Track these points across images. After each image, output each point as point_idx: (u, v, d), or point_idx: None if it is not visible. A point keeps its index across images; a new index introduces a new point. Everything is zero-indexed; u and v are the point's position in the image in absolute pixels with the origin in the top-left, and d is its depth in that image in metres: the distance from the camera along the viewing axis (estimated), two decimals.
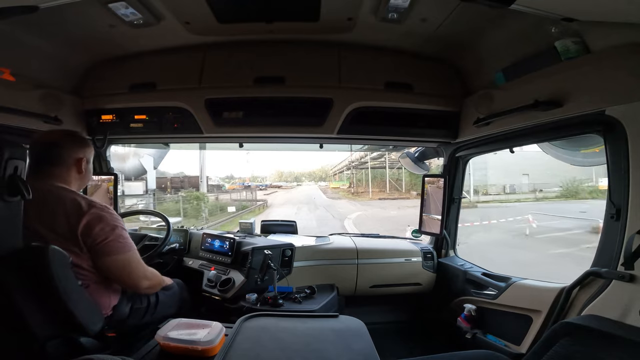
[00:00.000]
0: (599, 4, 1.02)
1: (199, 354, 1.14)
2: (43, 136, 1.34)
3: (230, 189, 34.93)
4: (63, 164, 1.29)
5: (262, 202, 22.30)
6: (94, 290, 1.24)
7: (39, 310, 1.03)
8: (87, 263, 1.22)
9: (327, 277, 2.22)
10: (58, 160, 1.28)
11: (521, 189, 19.71)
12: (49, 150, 1.27)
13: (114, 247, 1.23)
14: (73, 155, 1.31)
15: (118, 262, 1.25)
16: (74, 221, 1.17)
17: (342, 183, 41.26)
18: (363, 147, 12.58)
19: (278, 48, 1.91)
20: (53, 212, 1.17)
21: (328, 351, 1.07)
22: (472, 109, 1.83)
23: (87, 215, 1.19)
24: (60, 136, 1.34)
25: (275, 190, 41.18)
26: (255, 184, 46.95)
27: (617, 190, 1.22)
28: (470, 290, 1.99)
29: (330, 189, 40.85)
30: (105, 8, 1.44)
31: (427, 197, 2.31)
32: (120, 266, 1.26)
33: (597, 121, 1.26)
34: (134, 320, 1.41)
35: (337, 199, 29.14)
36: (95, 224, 1.20)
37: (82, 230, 1.18)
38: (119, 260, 1.25)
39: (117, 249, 1.24)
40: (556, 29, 1.28)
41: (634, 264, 1.09)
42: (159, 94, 1.96)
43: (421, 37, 1.76)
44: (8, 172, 0.93)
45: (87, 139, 1.41)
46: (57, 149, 1.28)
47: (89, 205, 1.21)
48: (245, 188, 39.38)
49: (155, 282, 1.44)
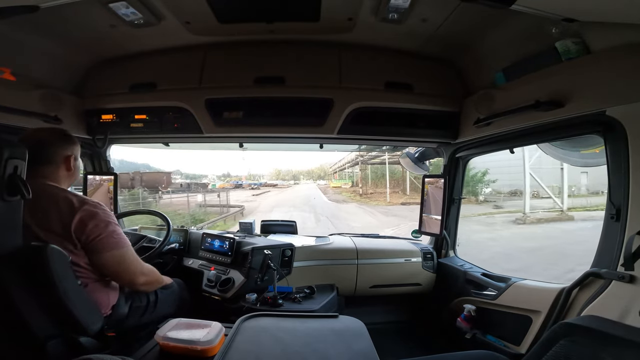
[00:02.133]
0: (600, 5, 1.02)
1: (199, 354, 1.14)
2: (30, 135, 1.31)
3: (221, 187, 33.29)
4: (52, 163, 1.28)
5: (239, 208, 16.56)
6: (93, 289, 1.24)
7: (38, 309, 1.03)
8: (84, 261, 1.22)
9: (327, 277, 2.22)
10: (47, 159, 1.27)
11: (580, 190, 14.57)
12: (38, 149, 1.24)
13: (108, 243, 1.23)
14: (61, 153, 1.30)
15: (113, 258, 1.24)
16: (67, 219, 1.17)
17: (344, 182, 36.40)
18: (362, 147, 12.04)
19: (278, 48, 1.91)
20: (46, 211, 1.17)
21: (328, 351, 1.07)
22: (472, 109, 1.83)
23: (80, 212, 1.18)
24: (47, 134, 1.32)
25: (267, 190, 36.41)
26: (248, 182, 43.96)
27: (617, 191, 1.22)
28: (470, 291, 1.99)
29: (331, 188, 35.73)
30: (105, 8, 1.44)
31: (427, 198, 2.31)
32: (116, 262, 1.25)
33: (597, 121, 1.26)
34: (133, 320, 1.41)
35: (342, 202, 23.11)
36: (88, 220, 1.19)
37: (75, 227, 1.17)
38: (114, 256, 1.24)
39: (111, 244, 1.23)
40: (557, 29, 1.28)
41: (633, 264, 1.09)
42: (159, 93, 1.96)
43: (421, 37, 1.76)
44: (8, 172, 0.93)
45: (73, 136, 1.38)
46: (45, 147, 1.27)
47: (81, 202, 1.21)
48: (237, 187, 37.44)
49: (153, 278, 1.44)
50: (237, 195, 26.32)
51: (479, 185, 15.61)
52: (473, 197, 15.49)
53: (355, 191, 28.57)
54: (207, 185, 33.17)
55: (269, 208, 18.79)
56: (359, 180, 31.80)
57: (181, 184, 31.76)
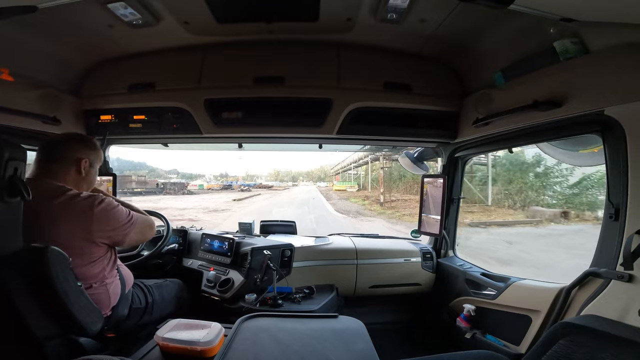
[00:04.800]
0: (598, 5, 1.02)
1: (198, 355, 1.13)
2: (52, 137, 1.40)
3: (208, 188, 31.98)
4: (62, 161, 1.30)
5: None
6: (93, 290, 1.23)
7: (38, 310, 1.03)
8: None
9: (327, 278, 2.22)
10: (57, 156, 1.30)
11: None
12: (52, 146, 1.32)
13: (127, 230, 1.33)
14: (73, 154, 1.32)
15: (134, 238, 1.39)
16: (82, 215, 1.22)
17: (349, 184, 31.25)
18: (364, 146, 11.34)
19: (277, 48, 1.91)
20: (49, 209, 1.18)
21: (327, 351, 1.07)
22: (471, 109, 1.83)
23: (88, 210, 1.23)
24: (64, 135, 1.39)
25: (257, 193, 30.57)
26: (239, 183, 40.20)
27: (615, 190, 1.22)
28: (470, 291, 1.99)
29: (334, 191, 29.55)
30: (104, 8, 1.44)
31: (427, 198, 2.31)
32: (137, 238, 1.43)
33: (596, 121, 1.26)
34: (133, 321, 1.41)
35: (358, 214, 15.36)
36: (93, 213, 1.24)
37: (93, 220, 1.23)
38: (135, 235, 1.37)
39: (129, 229, 1.34)
40: (555, 29, 1.28)
41: (633, 264, 1.10)
42: (158, 94, 1.96)
43: (420, 37, 1.76)
44: (8, 173, 0.93)
45: (94, 141, 1.42)
46: (58, 145, 1.32)
47: (83, 197, 1.24)
48: (226, 188, 34.49)
49: (152, 222, 1.52)
50: (217, 198, 22.65)
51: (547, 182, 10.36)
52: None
53: (367, 196, 21.64)
54: (185, 186, 30.68)
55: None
56: (366, 182, 27.32)
57: (157, 183, 30.06)
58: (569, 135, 1.50)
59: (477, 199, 12.53)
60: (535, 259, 6.74)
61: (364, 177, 29.51)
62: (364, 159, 23.71)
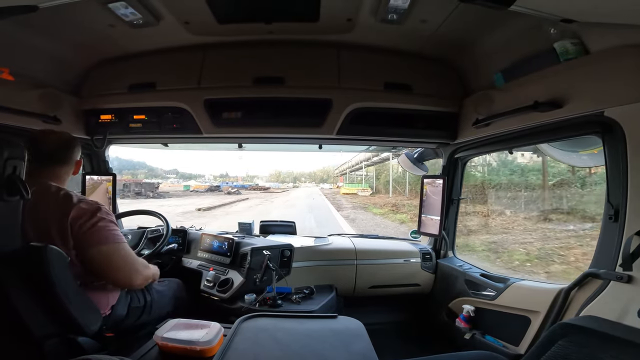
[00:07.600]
0: (598, 6, 1.02)
1: (197, 354, 1.13)
2: (50, 134, 1.32)
3: (195, 188, 29.55)
4: (68, 164, 1.33)
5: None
6: (92, 289, 1.23)
7: (37, 309, 1.03)
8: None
9: (326, 278, 2.22)
10: (65, 159, 1.31)
11: None
12: (62, 149, 1.30)
13: (102, 237, 1.18)
14: (75, 157, 1.35)
15: (107, 252, 1.19)
16: (65, 212, 1.15)
17: (359, 186, 26.41)
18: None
19: (277, 48, 1.91)
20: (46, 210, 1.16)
21: (327, 352, 1.07)
22: (471, 110, 1.83)
23: (76, 207, 1.17)
24: (70, 137, 1.37)
25: (245, 198, 25.07)
26: (228, 184, 35.54)
27: (615, 192, 1.22)
28: (469, 291, 1.99)
29: (342, 195, 24.79)
30: (104, 8, 1.44)
31: (426, 198, 2.32)
32: (109, 256, 1.20)
33: (595, 122, 1.26)
34: (132, 320, 1.41)
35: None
36: (83, 214, 1.17)
37: (72, 220, 1.15)
38: (110, 251, 1.19)
39: (105, 238, 1.18)
40: (555, 30, 1.29)
41: (632, 265, 1.10)
42: (158, 94, 1.96)
43: (420, 38, 1.76)
44: (7, 172, 0.93)
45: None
46: (69, 149, 1.32)
47: (79, 200, 1.21)
48: (212, 190, 30.44)
49: (149, 274, 1.40)
50: (182, 203, 18.47)
51: None
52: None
53: (395, 205, 15.98)
54: (156, 187, 26.81)
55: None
56: (379, 184, 22.76)
57: (124, 183, 24.64)
58: (568, 137, 1.50)
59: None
60: None
61: (381, 177, 24.81)
62: (382, 155, 19.67)
